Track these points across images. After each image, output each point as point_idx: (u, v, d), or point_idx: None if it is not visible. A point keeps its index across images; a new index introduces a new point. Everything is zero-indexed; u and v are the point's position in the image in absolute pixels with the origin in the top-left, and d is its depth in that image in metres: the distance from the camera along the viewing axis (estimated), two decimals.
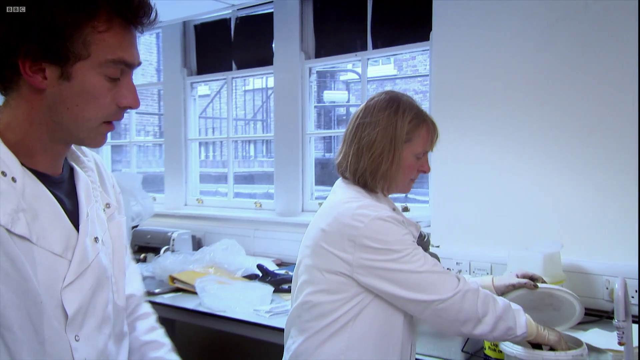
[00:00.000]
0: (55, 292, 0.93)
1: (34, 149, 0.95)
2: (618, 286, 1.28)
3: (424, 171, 1.50)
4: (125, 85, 0.95)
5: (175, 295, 2.50)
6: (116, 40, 0.91)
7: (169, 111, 3.85)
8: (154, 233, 3.26)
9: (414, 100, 1.49)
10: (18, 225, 0.89)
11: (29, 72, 0.88)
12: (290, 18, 3.22)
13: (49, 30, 0.86)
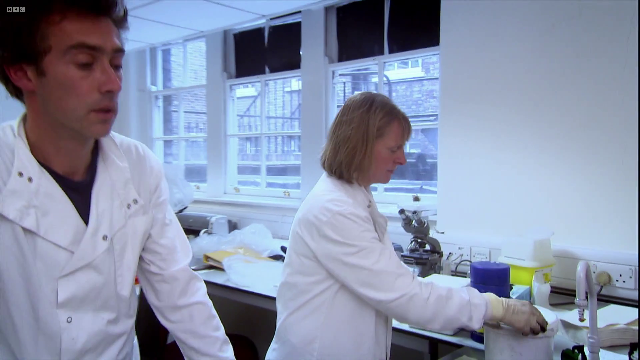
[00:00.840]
0: (53, 279, 0.97)
1: (48, 150, 0.97)
2: (580, 268, 1.28)
3: (400, 163, 1.50)
4: (100, 70, 0.91)
5: (209, 271, 2.60)
6: (73, 27, 0.88)
7: (211, 110, 3.96)
8: (196, 217, 3.39)
9: (389, 99, 1.50)
10: (27, 220, 0.93)
11: (14, 76, 0.90)
12: (316, 26, 3.27)
13: (10, 33, 0.87)
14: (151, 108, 4.52)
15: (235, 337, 2.47)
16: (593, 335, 1.33)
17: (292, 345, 1.45)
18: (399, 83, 7.36)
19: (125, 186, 1.07)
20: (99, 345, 1.06)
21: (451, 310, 1.33)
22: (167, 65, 4.64)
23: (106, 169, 1.05)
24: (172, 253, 1.16)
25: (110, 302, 1.07)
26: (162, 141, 4.57)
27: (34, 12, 0.86)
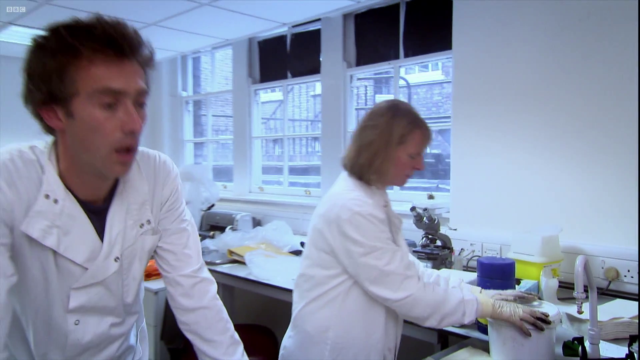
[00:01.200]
0: (67, 289, 1.04)
1: (73, 180, 1.01)
2: (578, 262, 1.28)
3: (418, 169, 1.51)
4: (123, 111, 0.93)
5: (232, 265, 2.66)
6: (100, 72, 0.90)
7: (237, 113, 4.03)
8: (222, 214, 3.45)
9: (412, 108, 1.51)
10: (49, 239, 0.98)
11: (46, 116, 0.94)
12: (335, 33, 3.29)
13: (45, 79, 0.90)
14: (182, 112, 4.62)
15: (256, 327, 2.54)
16: (593, 328, 1.32)
17: (307, 333, 1.48)
18: (419, 86, 7.33)
19: (141, 207, 1.11)
20: (101, 343, 1.14)
21: (447, 309, 1.38)
22: (197, 72, 4.74)
23: (124, 191, 1.09)
24: (178, 260, 1.18)
25: (116, 310, 1.14)
26: (193, 143, 4.67)
27: (64, 58, 0.89)
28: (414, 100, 6.22)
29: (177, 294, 1.18)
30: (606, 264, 2.05)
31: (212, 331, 1.17)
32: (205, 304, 1.18)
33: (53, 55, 0.89)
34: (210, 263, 2.67)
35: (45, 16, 2.94)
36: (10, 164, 0.96)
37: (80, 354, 1.11)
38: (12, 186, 0.95)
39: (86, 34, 0.89)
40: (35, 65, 0.91)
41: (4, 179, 0.94)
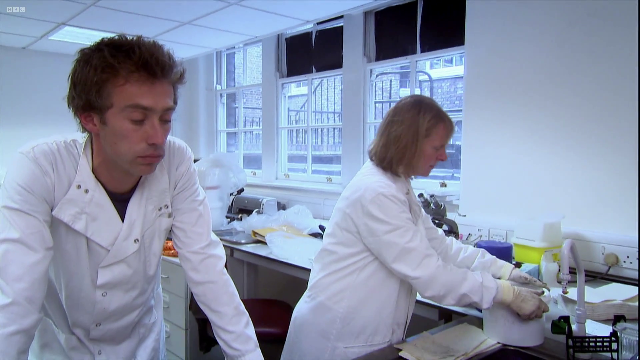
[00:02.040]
0: (95, 267, 1.14)
1: (104, 174, 1.09)
2: (564, 245, 1.28)
3: (442, 159, 1.52)
4: (150, 126, 1.00)
5: (256, 245, 2.72)
6: (133, 90, 0.97)
7: (265, 106, 4.09)
8: (250, 199, 3.54)
9: (435, 102, 1.51)
10: (78, 223, 1.07)
11: (84, 120, 1.02)
12: (356, 30, 3.30)
13: (86, 90, 0.97)
14: (216, 104, 4.72)
15: (275, 302, 2.60)
16: (580, 307, 1.32)
17: (321, 301, 1.52)
18: (443, 80, 7.23)
19: (161, 194, 1.18)
20: (123, 311, 1.23)
21: (464, 290, 1.37)
22: (230, 67, 4.83)
23: (146, 181, 1.15)
24: (187, 237, 1.23)
25: (139, 283, 1.22)
26: (225, 133, 4.77)
27: (104, 75, 0.96)
28: (437, 94, 6.13)
29: (187, 268, 1.25)
30: (606, 250, 2.01)
31: (218, 303, 1.22)
32: (212, 278, 1.23)
33: (95, 71, 0.95)
34: (236, 243, 2.75)
35: (93, 17, 3.06)
36: (57, 152, 1.05)
37: (106, 318, 1.21)
38: (56, 172, 1.04)
39: (125, 56, 0.96)
40: (80, 76, 0.98)
41: (50, 165, 1.03)
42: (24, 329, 0.94)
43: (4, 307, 0.92)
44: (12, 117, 3.92)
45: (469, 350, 1.33)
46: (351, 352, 1.47)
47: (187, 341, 2.66)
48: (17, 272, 0.95)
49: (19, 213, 0.99)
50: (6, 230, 0.97)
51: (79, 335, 1.20)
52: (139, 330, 1.32)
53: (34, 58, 4.02)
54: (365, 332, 1.48)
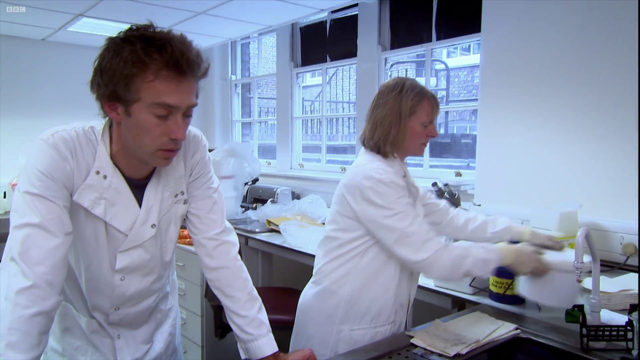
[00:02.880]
0: (114, 252, 1.16)
1: (121, 160, 1.11)
2: (579, 234, 1.26)
3: (432, 136, 1.52)
4: (173, 122, 1.02)
5: (270, 234, 2.75)
6: (161, 87, 0.98)
7: (280, 95, 4.10)
8: (264, 188, 3.56)
9: (417, 82, 1.52)
10: (97, 208, 1.09)
11: (108, 109, 1.03)
12: (371, 18, 3.27)
13: (114, 82, 0.98)
14: (231, 94, 4.74)
15: (289, 290, 2.63)
16: (594, 296, 1.31)
17: (325, 286, 1.55)
18: (460, 69, 7.14)
19: (177, 181, 1.20)
20: (141, 296, 1.25)
21: (467, 267, 1.38)
22: (245, 57, 4.84)
23: (162, 169, 1.17)
24: (202, 223, 1.26)
25: (156, 268, 1.24)
26: (240, 123, 4.79)
27: (134, 69, 0.97)
28: (454, 83, 6.05)
29: (202, 254, 1.27)
30: (625, 240, 1.98)
31: (231, 288, 1.25)
32: (226, 264, 1.26)
33: (125, 64, 0.96)
34: (251, 231, 2.78)
35: (110, 8, 3.09)
36: (76, 139, 1.07)
37: (124, 303, 1.23)
38: (75, 158, 1.06)
39: (157, 52, 0.97)
40: (108, 65, 0.98)
41: (69, 151, 1.05)
42: (45, 311, 0.96)
43: (25, 289, 0.95)
44: (31, 107, 4.00)
45: (481, 338, 1.33)
46: (356, 333, 1.50)
47: (203, 327, 2.70)
48: (37, 256, 0.98)
49: (40, 198, 1.01)
50: (27, 215, 1.00)
51: (99, 320, 1.23)
52: (156, 316, 1.34)
53: (53, 49, 4.08)
54: (369, 313, 1.50)
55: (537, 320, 1.48)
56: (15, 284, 0.95)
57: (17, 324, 0.92)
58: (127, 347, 1.27)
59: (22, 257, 0.97)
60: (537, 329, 1.41)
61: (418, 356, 1.26)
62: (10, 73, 3.90)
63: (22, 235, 0.98)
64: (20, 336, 0.92)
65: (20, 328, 0.92)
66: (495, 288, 1.67)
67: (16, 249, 0.97)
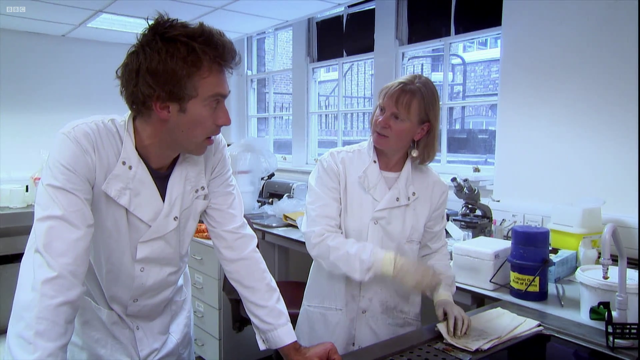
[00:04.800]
0: (135, 242, 1.17)
1: (151, 154, 1.13)
2: (606, 230, 1.24)
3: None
4: (221, 110, 1.09)
5: (287, 229, 2.75)
6: (215, 81, 1.04)
7: (296, 90, 4.09)
8: (280, 183, 3.55)
9: None
10: (123, 198, 1.11)
11: (159, 109, 1.05)
12: (388, 12, 3.24)
13: (172, 83, 1.01)
14: (247, 90, 4.75)
15: (305, 285, 2.62)
16: (621, 294, 1.28)
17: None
18: (476, 64, 7.05)
19: (198, 175, 1.22)
20: (159, 287, 1.27)
21: (332, 258, 1.40)
22: (261, 52, 4.83)
23: (184, 161, 1.20)
24: (223, 217, 1.28)
25: (173, 261, 1.26)
26: (256, 118, 4.80)
27: (193, 68, 1.01)
28: (470, 77, 5.98)
29: (221, 246, 1.29)
30: None
31: (250, 279, 1.27)
32: (245, 256, 1.28)
33: (184, 63, 1.00)
34: (267, 226, 2.78)
35: (129, 4, 3.11)
36: (97, 132, 1.08)
37: (142, 294, 1.24)
38: (96, 150, 1.07)
39: (209, 49, 1.01)
40: (163, 68, 1.00)
41: (90, 144, 1.06)
42: (70, 301, 0.98)
43: (51, 280, 0.96)
44: (52, 102, 4.05)
45: (503, 334, 1.31)
46: (310, 310, 1.58)
47: (221, 321, 2.72)
48: (61, 247, 0.99)
49: (62, 191, 1.02)
50: (50, 208, 1.01)
51: (117, 311, 1.25)
52: (172, 307, 1.36)
53: (73, 45, 4.13)
54: (320, 294, 1.56)
55: (560, 317, 1.46)
56: (41, 274, 0.97)
57: (45, 313, 0.94)
58: (146, 338, 1.28)
59: (46, 249, 0.98)
60: (560, 325, 1.39)
61: (439, 351, 1.25)
62: (31, 69, 3.96)
63: (46, 228, 1.00)
64: (48, 325, 0.94)
65: (47, 317, 0.94)
66: (516, 284, 1.65)
67: (40, 241, 0.99)
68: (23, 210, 3.35)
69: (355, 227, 1.48)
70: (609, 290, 1.36)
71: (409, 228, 1.50)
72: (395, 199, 1.48)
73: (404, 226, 1.49)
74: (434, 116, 1.47)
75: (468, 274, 1.77)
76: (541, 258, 1.61)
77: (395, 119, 1.43)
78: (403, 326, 1.56)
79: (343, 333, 1.53)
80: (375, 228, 1.48)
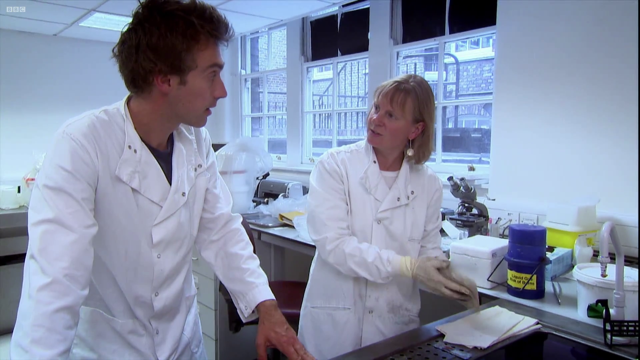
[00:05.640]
0: (148, 227, 1.16)
1: (152, 129, 1.14)
2: (604, 228, 1.24)
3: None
4: (217, 82, 1.11)
5: (283, 228, 2.74)
6: (211, 52, 1.07)
7: (290, 90, 4.08)
8: (275, 183, 3.55)
9: None
10: (134, 181, 1.11)
11: (160, 83, 1.06)
12: (383, 11, 3.24)
13: (173, 56, 1.03)
14: (241, 89, 4.73)
15: (302, 284, 2.62)
16: (618, 291, 1.29)
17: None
18: (469, 63, 7.07)
19: (195, 153, 1.25)
20: (174, 273, 1.25)
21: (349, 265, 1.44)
22: (254, 52, 4.82)
23: (180, 141, 1.23)
24: (218, 202, 1.35)
25: (185, 241, 1.26)
26: (250, 118, 4.78)
27: (192, 41, 1.04)
28: (463, 77, 6.00)
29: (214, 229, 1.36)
30: None
31: (234, 247, 1.34)
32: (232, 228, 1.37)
33: (184, 37, 1.03)
34: (263, 226, 2.77)
35: (122, 3, 3.08)
36: (94, 126, 1.07)
37: (161, 284, 1.22)
38: (97, 145, 1.06)
39: (206, 22, 1.04)
40: (164, 42, 1.02)
41: (89, 140, 1.05)
42: (67, 306, 0.96)
43: (45, 286, 0.95)
44: (44, 103, 4.01)
45: (501, 333, 1.32)
46: (315, 312, 1.57)
47: (217, 321, 2.71)
48: (57, 251, 0.97)
49: (57, 191, 1.01)
50: (43, 211, 1.00)
51: (140, 317, 1.22)
52: (186, 303, 1.34)
53: (64, 45, 4.08)
54: (325, 294, 1.55)
55: (557, 315, 1.47)
56: (36, 281, 0.95)
57: (41, 320, 0.92)
58: (164, 342, 1.26)
59: (41, 254, 0.97)
60: (557, 323, 1.40)
61: (439, 350, 1.25)
62: (22, 69, 3.91)
63: (40, 232, 0.98)
64: (44, 332, 0.92)
65: (44, 324, 0.92)
66: (513, 283, 1.66)
67: (35, 246, 0.98)
68: (15, 212, 3.31)
69: (360, 228, 1.48)
70: (606, 288, 1.37)
71: (409, 227, 1.51)
72: (396, 198, 1.49)
73: (405, 225, 1.50)
74: (429, 115, 1.47)
75: (465, 273, 1.76)
76: (538, 256, 1.61)
77: (390, 117, 1.44)
78: (408, 324, 1.57)
79: (352, 333, 1.53)
80: (378, 228, 1.48)
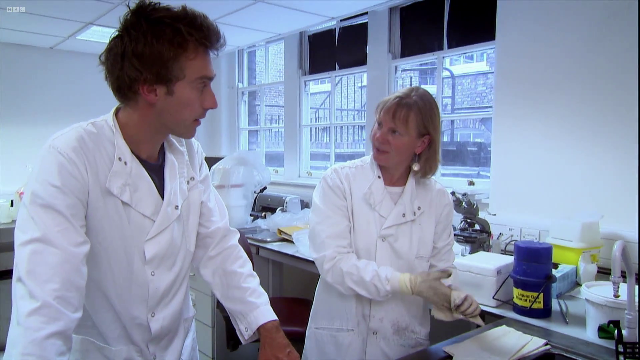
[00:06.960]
0: (141, 243, 1.10)
1: (141, 140, 1.10)
2: (616, 247, 1.21)
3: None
4: (207, 93, 1.07)
5: (281, 243, 2.69)
6: (201, 63, 1.03)
7: (288, 103, 4.06)
8: (273, 197, 3.50)
9: None
10: (124, 194, 1.06)
11: (146, 92, 1.02)
12: (381, 25, 3.24)
13: (159, 65, 0.99)
14: (238, 102, 4.71)
15: (301, 300, 2.57)
16: (630, 312, 1.25)
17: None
18: (464, 77, 7.11)
19: (187, 166, 1.21)
20: (170, 291, 1.19)
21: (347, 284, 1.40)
22: (252, 65, 4.80)
23: (171, 153, 1.18)
24: (213, 215, 1.28)
25: (179, 257, 1.20)
26: (247, 131, 4.75)
27: (179, 49, 1.00)
28: (458, 90, 6.02)
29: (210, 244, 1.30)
30: None
31: (232, 265, 1.28)
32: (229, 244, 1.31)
33: (170, 45, 0.98)
34: (261, 241, 2.72)
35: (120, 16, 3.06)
36: (83, 139, 1.03)
37: (157, 304, 1.16)
38: (86, 158, 1.02)
39: (195, 31, 1.00)
40: (150, 50, 0.98)
41: (77, 155, 1.00)
42: (58, 331, 0.90)
43: (34, 311, 0.89)
44: (39, 115, 3.96)
45: (512, 354, 1.27)
46: (319, 333, 1.53)
47: (214, 339, 2.64)
48: (45, 272, 0.92)
49: (45, 209, 0.96)
50: (31, 230, 0.94)
51: (137, 341, 1.16)
52: (184, 325, 1.29)
53: (60, 58, 4.05)
54: (329, 314, 1.52)
55: (566, 335, 1.43)
56: (24, 306, 0.89)
57: (31, 349, 0.86)
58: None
59: (29, 276, 0.91)
60: (567, 344, 1.36)
61: None
62: (18, 81, 3.87)
63: (27, 253, 0.93)
64: None
65: (34, 352, 0.86)
66: (520, 301, 1.62)
67: (23, 268, 0.92)
68: (8, 226, 3.24)
69: (363, 245, 1.44)
70: (616, 308, 1.33)
71: (416, 244, 1.46)
72: (401, 215, 1.45)
73: (411, 242, 1.46)
74: (434, 128, 1.44)
75: (470, 291, 1.71)
76: (544, 274, 1.58)
77: (394, 133, 1.41)
78: (415, 347, 1.51)
79: (355, 355, 1.47)
80: (383, 246, 1.44)
